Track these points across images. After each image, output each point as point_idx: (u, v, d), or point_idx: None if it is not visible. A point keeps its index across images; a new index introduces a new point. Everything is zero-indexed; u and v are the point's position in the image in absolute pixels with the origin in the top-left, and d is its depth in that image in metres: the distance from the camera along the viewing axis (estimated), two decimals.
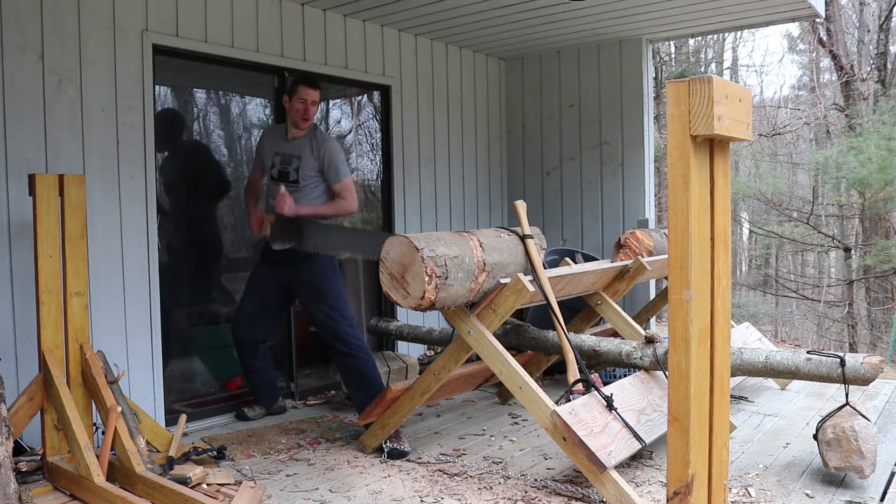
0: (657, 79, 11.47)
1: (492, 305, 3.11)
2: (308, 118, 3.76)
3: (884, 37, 11.45)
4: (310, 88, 3.75)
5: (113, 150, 3.61)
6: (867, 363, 2.79)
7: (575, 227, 5.81)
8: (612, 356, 3.34)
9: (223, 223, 4.52)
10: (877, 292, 11.55)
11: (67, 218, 3.05)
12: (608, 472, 2.66)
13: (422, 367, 4.66)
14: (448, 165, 5.62)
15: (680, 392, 1.59)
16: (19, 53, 3.28)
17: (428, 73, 5.42)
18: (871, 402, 4.16)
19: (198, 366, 4.33)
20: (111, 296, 3.60)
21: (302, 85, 3.75)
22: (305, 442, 3.64)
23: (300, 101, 3.73)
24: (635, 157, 5.51)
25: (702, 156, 1.58)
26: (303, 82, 3.76)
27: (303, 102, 3.73)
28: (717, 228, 1.64)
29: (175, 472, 2.92)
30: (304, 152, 3.76)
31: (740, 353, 3.10)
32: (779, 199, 11.98)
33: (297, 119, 3.75)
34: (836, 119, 12.70)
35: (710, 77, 1.49)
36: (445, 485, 3.02)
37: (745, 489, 2.91)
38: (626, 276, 3.99)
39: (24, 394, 2.98)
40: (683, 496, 1.60)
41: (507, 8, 4.66)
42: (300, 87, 3.74)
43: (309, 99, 3.73)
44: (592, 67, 5.67)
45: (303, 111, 3.73)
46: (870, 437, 2.85)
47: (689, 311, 1.56)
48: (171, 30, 3.83)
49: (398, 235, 2.90)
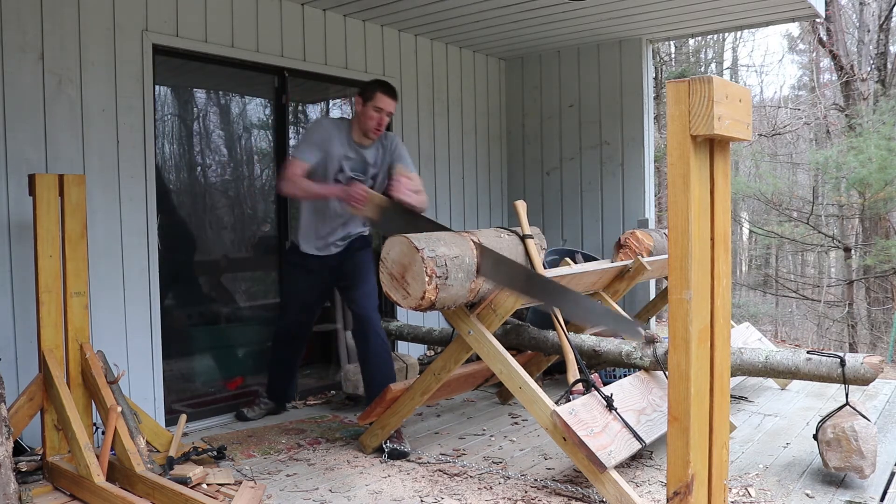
0: (657, 79, 11.47)
1: (492, 305, 3.11)
2: (381, 130, 3.57)
3: (884, 37, 11.45)
4: (390, 98, 3.53)
5: (113, 150, 3.61)
6: (867, 363, 2.79)
7: (575, 227, 5.81)
8: (612, 356, 3.34)
9: (223, 223, 4.52)
10: (877, 292, 11.55)
11: (67, 218, 3.05)
12: (608, 472, 2.66)
13: (422, 367, 4.66)
14: (448, 165, 5.62)
15: (680, 392, 1.59)
16: (19, 53, 3.28)
17: (428, 73, 5.42)
18: (871, 402, 4.16)
19: (198, 366, 4.33)
20: (111, 296, 3.60)
21: (381, 92, 3.51)
22: (305, 442, 3.64)
23: (376, 110, 3.51)
24: (635, 157, 5.51)
25: (702, 156, 1.58)
26: (382, 89, 3.52)
27: (379, 112, 3.51)
28: (717, 228, 1.64)
29: (175, 472, 2.92)
30: (378, 159, 3.67)
31: (740, 353, 3.10)
32: (779, 199, 11.98)
33: (370, 128, 3.54)
34: (836, 119, 12.70)
35: (710, 77, 1.49)
36: (445, 485, 3.02)
37: (745, 489, 2.91)
38: (626, 276, 3.99)
39: (24, 394, 2.98)
40: (683, 496, 1.60)
41: (507, 8, 4.66)
42: (378, 94, 3.50)
43: (386, 109, 3.53)
44: (592, 67, 5.67)
45: (377, 121, 3.53)
46: (870, 437, 2.85)
47: (689, 311, 1.55)
48: (171, 30, 3.83)
49: (398, 235, 2.90)
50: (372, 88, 3.53)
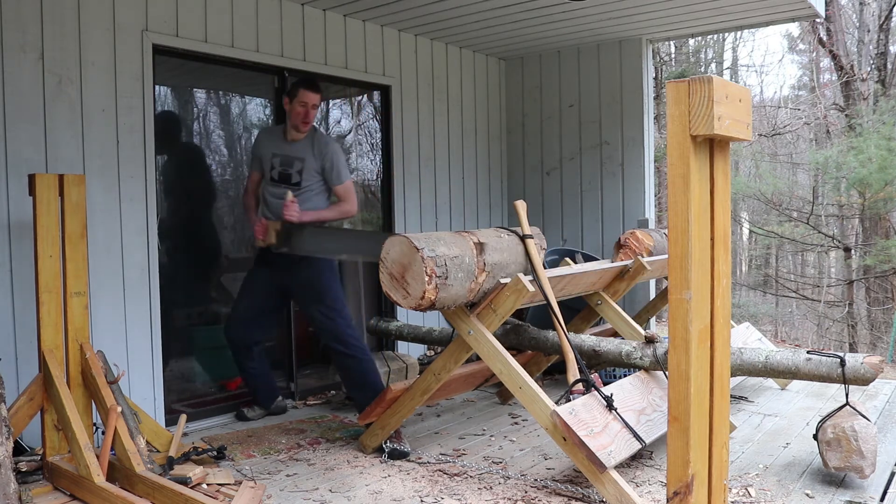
0: (657, 79, 11.46)
1: (492, 305, 3.11)
2: (308, 122, 3.72)
3: (884, 37, 11.46)
4: (311, 92, 3.69)
5: (113, 150, 3.61)
6: (867, 363, 2.79)
7: (575, 227, 5.81)
8: (612, 356, 3.34)
9: (223, 223, 4.52)
10: (877, 292, 11.55)
11: (67, 218, 3.05)
12: (608, 472, 2.66)
13: (422, 367, 4.66)
14: (448, 165, 5.62)
15: (680, 392, 1.59)
16: (19, 53, 3.28)
17: (428, 73, 5.42)
18: (871, 402, 4.16)
19: (198, 366, 4.33)
20: (111, 296, 3.60)
21: (302, 88, 3.68)
22: (305, 442, 3.64)
23: (301, 105, 3.68)
24: (635, 157, 5.51)
25: (702, 156, 1.58)
26: (303, 85, 3.70)
27: (303, 106, 3.68)
28: (717, 228, 1.64)
29: (175, 472, 2.92)
30: (306, 154, 3.74)
31: (740, 353, 3.10)
32: (779, 199, 11.99)
33: (298, 122, 3.70)
34: (836, 119, 12.70)
35: (710, 77, 1.49)
36: (445, 485, 3.02)
37: (745, 489, 2.91)
38: (626, 276, 3.99)
39: (24, 394, 2.98)
40: (683, 496, 1.60)
41: (507, 8, 4.66)
42: (301, 90, 3.68)
43: (310, 103, 3.68)
44: (592, 67, 5.67)
45: (303, 115, 3.69)
46: (870, 437, 2.85)
47: (689, 311, 1.55)
48: (171, 30, 3.83)
49: (398, 235, 2.90)
50: (295, 86, 3.73)
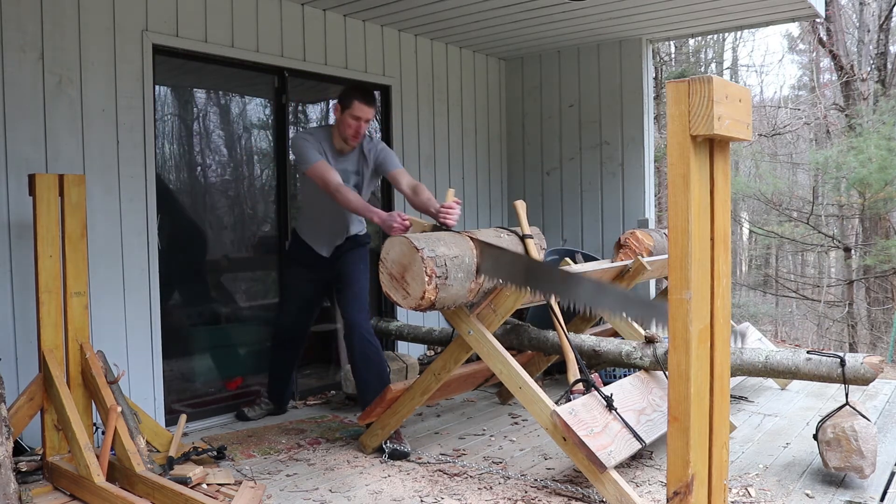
0: (657, 79, 11.46)
1: (492, 305, 3.11)
2: (359, 137, 3.57)
3: (884, 37, 11.45)
4: (366, 106, 3.50)
5: (113, 150, 3.61)
6: (867, 363, 2.79)
7: (575, 227, 5.81)
8: (612, 356, 3.34)
9: (223, 223, 4.52)
10: (877, 292, 11.55)
11: (67, 218, 3.05)
12: (608, 472, 2.66)
13: (422, 367, 4.65)
14: (448, 165, 5.62)
15: (680, 392, 1.59)
16: (19, 53, 3.28)
17: (428, 73, 5.42)
18: (871, 402, 4.16)
19: (198, 366, 4.33)
20: (111, 296, 3.60)
21: (358, 101, 3.48)
22: (305, 442, 3.64)
23: (353, 118, 3.49)
24: (635, 157, 5.51)
25: (702, 156, 1.58)
26: (359, 98, 3.49)
27: (356, 120, 3.50)
28: (717, 228, 1.64)
29: (175, 472, 2.92)
30: (361, 167, 3.67)
31: (740, 353, 3.10)
32: (779, 199, 11.98)
33: (348, 135, 3.54)
34: (836, 119, 12.70)
35: (710, 77, 1.49)
36: (445, 485, 3.02)
37: (745, 489, 2.91)
38: (626, 276, 3.99)
39: (24, 394, 2.98)
40: (683, 496, 1.60)
41: (507, 8, 4.66)
42: (356, 102, 3.47)
43: (363, 118, 3.51)
44: (592, 67, 5.67)
45: (355, 129, 3.52)
46: (870, 437, 2.85)
47: (689, 311, 1.56)
48: (171, 30, 3.83)
49: (398, 235, 2.90)
50: (349, 97, 3.51)
